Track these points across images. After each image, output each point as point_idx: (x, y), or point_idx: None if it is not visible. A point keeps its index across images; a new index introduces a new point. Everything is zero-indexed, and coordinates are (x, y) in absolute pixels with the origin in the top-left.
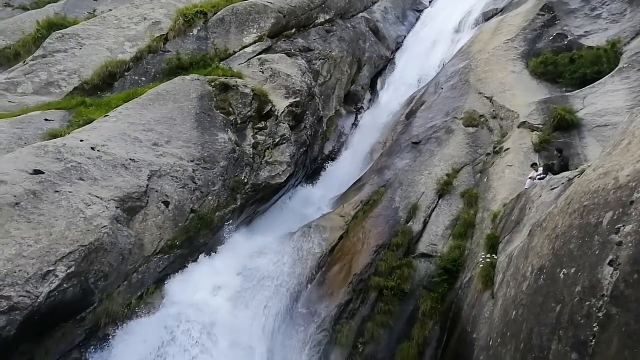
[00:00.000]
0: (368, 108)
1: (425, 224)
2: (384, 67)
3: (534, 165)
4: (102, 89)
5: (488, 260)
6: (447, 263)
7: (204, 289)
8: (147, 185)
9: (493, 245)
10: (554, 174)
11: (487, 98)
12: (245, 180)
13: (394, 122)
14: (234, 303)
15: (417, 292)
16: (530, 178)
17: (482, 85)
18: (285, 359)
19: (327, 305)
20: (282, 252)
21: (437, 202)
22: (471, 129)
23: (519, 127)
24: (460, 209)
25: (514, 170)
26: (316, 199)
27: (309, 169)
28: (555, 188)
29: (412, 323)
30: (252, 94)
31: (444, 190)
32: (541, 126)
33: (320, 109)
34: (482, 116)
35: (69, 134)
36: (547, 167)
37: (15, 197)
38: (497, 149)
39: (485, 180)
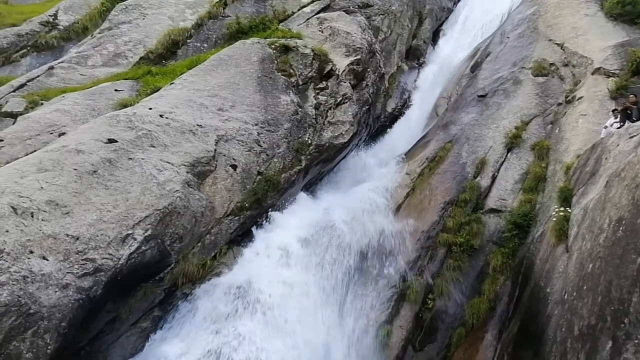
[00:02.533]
0: (431, 62)
1: (494, 178)
2: (445, 18)
3: (614, 111)
4: (166, 57)
5: (561, 213)
6: (517, 217)
7: (273, 249)
8: (215, 150)
9: (566, 198)
10: (632, 122)
11: (558, 45)
12: (309, 141)
13: (458, 76)
14: (302, 262)
15: (486, 247)
16: (605, 127)
17: (552, 31)
18: (356, 315)
19: (394, 262)
20: (349, 211)
21: (506, 155)
22: (540, 79)
23: (592, 74)
24: (530, 162)
25: (588, 119)
26: (381, 157)
27: (372, 127)
28: (635, 136)
29: (482, 278)
30: (312, 54)
31: (513, 143)
32: (618, 71)
33: (382, 66)
34: (552, 64)
35: (137, 102)
36: (624, 114)
37: (92, 165)
38: (569, 98)
39: (557, 131)
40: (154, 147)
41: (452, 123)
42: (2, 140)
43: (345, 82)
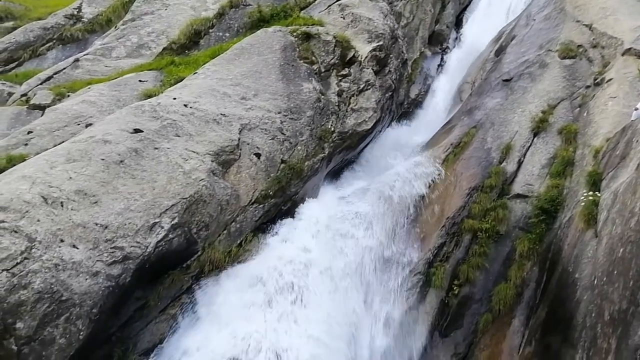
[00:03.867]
0: (454, 47)
1: (520, 163)
2: (469, 2)
3: None
4: (189, 48)
5: (590, 197)
6: (545, 203)
7: (297, 236)
8: (239, 139)
9: (595, 183)
10: None
11: (586, 26)
12: (332, 129)
13: (482, 60)
14: (328, 247)
15: (512, 233)
16: (636, 109)
17: (580, 12)
18: (381, 302)
19: (420, 248)
20: (371, 199)
21: (532, 140)
22: (568, 61)
23: (623, 55)
24: (558, 147)
25: (618, 101)
26: (404, 144)
27: (395, 113)
28: None
29: (508, 264)
30: (334, 40)
31: (539, 127)
32: None
33: (404, 52)
34: (579, 46)
35: (162, 92)
36: None
37: (119, 155)
38: (598, 80)
39: (585, 114)
40: (178, 136)
41: (476, 108)
42: (31, 132)
43: (367, 69)
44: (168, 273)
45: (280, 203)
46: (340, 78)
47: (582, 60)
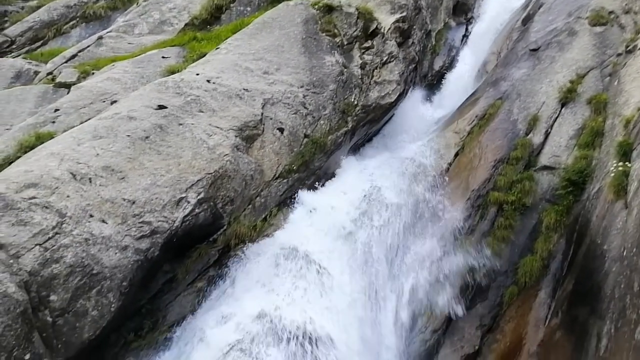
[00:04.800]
0: (479, 17)
1: (547, 134)
2: None
3: None
4: (211, 23)
5: (620, 168)
6: (572, 174)
7: (321, 211)
8: (262, 113)
9: (625, 153)
10: None
11: None
12: (355, 102)
13: (508, 30)
14: (353, 222)
15: (539, 205)
16: None
17: None
18: (406, 275)
19: (445, 222)
20: (396, 172)
21: (560, 111)
22: (598, 28)
23: None
24: (586, 117)
25: None
26: (427, 116)
27: (419, 86)
28: None
29: (534, 237)
30: (356, 12)
31: (567, 97)
32: None
33: (428, 22)
34: (611, 12)
35: (184, 68)
36: None
37: (144, 131)
38: (630, 47)
39: (616, 83)
40: (202, 112)
41: (502, 79)
42: (58, 110)
43: (391, 41)
44: (195, 247)
45: (304, 178)
46: (363, 51)
47: (614, 27)
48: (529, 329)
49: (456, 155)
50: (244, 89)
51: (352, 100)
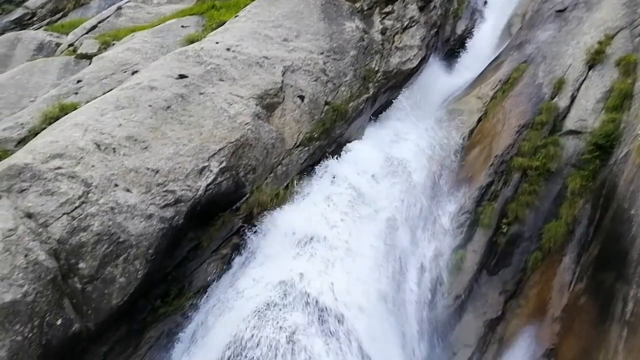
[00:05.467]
0: None
1: (573, 98)
2: None
3: None
4: None
5: None
6: (599, 138)
7: (343, 179)
8: (282, 81)
9: None
10: None
11: None
12: (376, 68)
13: None
14: (374, 189)
15: (564, 170)
16: None
17: None
18: (429, 241)
19: (467, 188)
20: (417, 138)
21: (587, 73)
22: None
23: None
24: (615, 79)
25: None
26: (450, 82)
27: (441, 51)
28: None
29: (559, 202)
30: None
31: (595, 59)
32: None
33: None
34: None
35: (204, 37)
36: None
37: (166, 101)
38: None
39: None
40: (222, 80)
41: (527, 42)
42: (80, 81)
43: (412, 5)
44: (218, 215)
45: (325, 145)
46: (383, 16)
47: None
48: (553, 294)
49: (479, 121)
50: (264, 57)
51: (373, 66)
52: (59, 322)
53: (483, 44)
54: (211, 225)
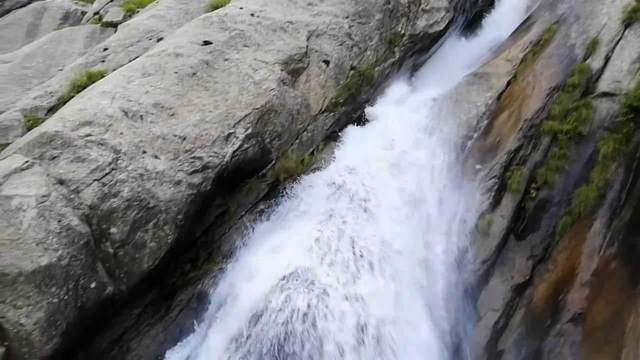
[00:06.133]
0: None
1: (607, 59)
2: None
3: None
4: None
5: None
6: (634, 100)
7: (370, 144)
8: (307, 46)
9: None
10: None
11: None
12: (402, 32)
13: None
14: (400, 153)
15: (596, 134)
16: None
17: None
18: (456, 205)
19: (495, 153)
20: (444, 102)
21: (622, 33)
22: None
23: None
24: None
25: None
26: (478, 45)
27: (469, 13)
28: None
29: (590, 166)
30: None
31: (632, 18)
32: None
33: None
34: None
35: (228, 3)
36: None
37: (191, 67)
38: None
39: None
40: (247, 46)
41: (559, 1)
42: (106, 49)
43: None
44: (245, 181)
45: (350, 111)
46: None
47: None
48: (582, 259)
49: (508, 84)
50: (288, 22)
51: (399, 29)
52: (92, 285)
53: (513, 4)
54: (238, 192)
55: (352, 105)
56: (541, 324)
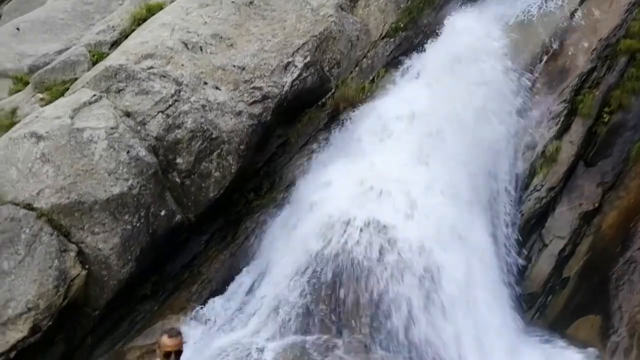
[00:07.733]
0: None
1: None
2: None
3: None
4: None
5: None
6: None
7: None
8: None
9: None
10: None
11: None
12: None
13: None
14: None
15: None
16: None
17: None
18: (521, 132)
19: (566, 76)
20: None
21: None
22: None
23: None
24: None
25: None
26: None
27: None
28: None
29: None
30: None
31: None
32: None
33: None
34: None
35: None
36: None
37: None
38: None
39: None
40: None
41: None
42: None
43: None
44: (305, 111)
45: (412, 36)
46: None
47: None
48: None
49: (582, 0)
50: None
51: None
52: (162, 212)
53: None
54: (298, 122)
55: (413, 31)
56: (610, 252)
